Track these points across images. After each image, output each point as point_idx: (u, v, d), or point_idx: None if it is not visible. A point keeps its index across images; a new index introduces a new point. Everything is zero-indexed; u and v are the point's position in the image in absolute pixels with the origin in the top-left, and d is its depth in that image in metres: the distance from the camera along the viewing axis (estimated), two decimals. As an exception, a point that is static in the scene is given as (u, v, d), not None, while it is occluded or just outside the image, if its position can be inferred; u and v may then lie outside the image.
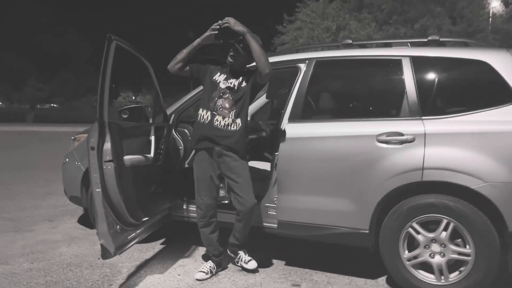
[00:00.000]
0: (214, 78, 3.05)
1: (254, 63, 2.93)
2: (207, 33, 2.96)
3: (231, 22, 2.88)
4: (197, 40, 3.01)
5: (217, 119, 2.97)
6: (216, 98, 3.00)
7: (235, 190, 3.03)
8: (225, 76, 3.05)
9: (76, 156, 4.07)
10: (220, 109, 2.98)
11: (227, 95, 2.99)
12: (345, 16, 18.13)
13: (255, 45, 2.87)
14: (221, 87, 3.01)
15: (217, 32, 2.90)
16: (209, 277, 3.05)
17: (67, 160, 4.25)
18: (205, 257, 3.22)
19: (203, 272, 3.06)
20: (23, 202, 5.44)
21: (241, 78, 3.03)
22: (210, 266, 3.11)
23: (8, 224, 4.42)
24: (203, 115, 3.01)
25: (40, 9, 32.60)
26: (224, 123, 2.97)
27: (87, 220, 4.48)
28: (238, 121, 2.99)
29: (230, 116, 2.98)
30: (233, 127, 2.98)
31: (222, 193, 3.57)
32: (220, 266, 3.20)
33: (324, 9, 18.53)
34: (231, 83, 3.01)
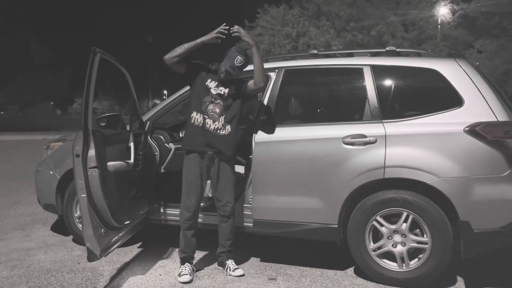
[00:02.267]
0: (206, 83, 3.21)
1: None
2: (214, 35, 3.10)
3: (242, 32, 3.12)
4: (202, 39, 3.14)
5: (207, 122, 3.15)
6: (208, 103, 3.17)
7: (218, 191, 3.24)
8: (216, 83, 3.22)
9: (50, 165, 4.10)
10: (211, 113, 3.16)
11: (218, 101, 3.18)
12: (304, 23, 18.65)
13: (258, 58, 3.11)
14: (212, 93, 3.19)
15: (224, 36, 3.10)
16: (192, 278, 3.16)
17: (40, 168, 4.26)
18: (182, 260, 3.28)
19: (186, 274, 3.15)
20: (-11, 213, 5.35)
21: (231, 87, 3.23)
22: (189, 268, 3.21)
23: (-22, 235, 4.37)
24: (197, 118, 3.16)
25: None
26: (215, 127, 3.15)
27: (60, 228, 4.51)
28: (228, 127, 3.18)
29: (220, 121, 3.16)
30: (223, 131, 3.17)
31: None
32: (195, 269, 3.29)
33: (284, 16, 18.98)
34: (221, 90, 3.20)
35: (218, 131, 3.16)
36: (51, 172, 4.05)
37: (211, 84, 3.21)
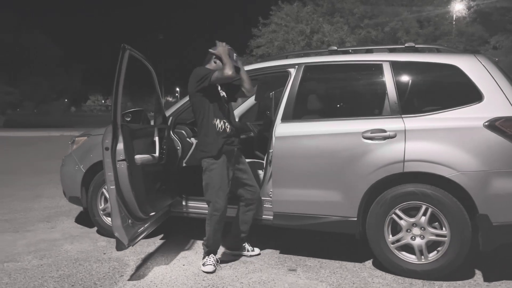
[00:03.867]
0: (218, 89, 3.35)
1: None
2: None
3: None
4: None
5: (227, 125, 3.32)
6: (223, 108, 3.33)
7: (247, 182, 3.41)
8: (219, 86, 3.37)
9: (76, 159, 4.23)
10: (227, 117, 3.34)
11: (225, 104, 3.38)
12: (318, 19, 18.62)
13: (243, 69, 3.41)
14: (223, 98, 3.37)
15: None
16: (215, 269, 3.26)
17: (66, 162, 4.40)
18: (207, 252, 3.36)
19: (211, 264, 3.25)
20: (14, 205, 5.51)
21: (225, 89, 3.44)
22: (213, 259, 3.30)
23: (5, 225, 4.53)
24: (221, 126, 3.27)
25: (6, 12, 31.63)
26: (230, 129, 3.34)
27: (84, 220, 4.66)
28: (233, 126, 3.40)
29: (231, 122, 3.38)
30: (234, 131, 3.39)
31: None
32: (219, 260, 3.39)
33: (298, 13, 18.97)
34: (223, 92, 3.40)
35: (233, 132, 3.37)
36: (76, 166, 4.18)
37: (219, 87, 3.36)
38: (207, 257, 3.32)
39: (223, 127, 3.28)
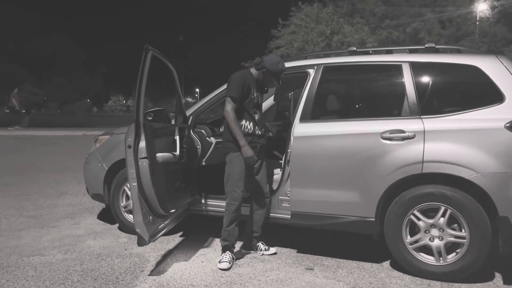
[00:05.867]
0: (252, 96, 3.42)
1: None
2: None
3: None
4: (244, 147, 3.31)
5: (257, 128, 3.45)
6: (254, 113, 3.44)
7: (260, 180, 3.50)
8: (257, 94, 3.49)
9: (99, 157, 4.34)
10: (258, 122, 3.47)
11: (257, 111, 3.49)
12: (338, 20, 18.50)
13: None
14: (255, 103, 3.46)
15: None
16: (231, 266, 3.33)
17: (89, 160, 4.52)
18: (224, 249, 3.45)
19: (226, 262, 3.32)
20: (40, 202, 5.68)
21: (261, 95, 3.57)
22: (229, 257, 3.38)
23: (31, 221, 4.68)
24: (246, 125, 3.39)
25: (30, 14, 32.41)
26: (260, 133, 3.49)
27: (106, 216, 4.78)
28: (261, 126, 3.54)
29: (261, 128, 3.52)
30: (263, 131, 3.54)
31: None
32: (234, 257, 3.46)
33: (318, 14, 18.87)
34: (259, 99, 3.53)
35: (258, 132, 3.48)
36: (99, 164, 4.30)
37: (255, 94, 3.45)
38: (223, 254, 3.39)
39: (252, 128, 3.40)
